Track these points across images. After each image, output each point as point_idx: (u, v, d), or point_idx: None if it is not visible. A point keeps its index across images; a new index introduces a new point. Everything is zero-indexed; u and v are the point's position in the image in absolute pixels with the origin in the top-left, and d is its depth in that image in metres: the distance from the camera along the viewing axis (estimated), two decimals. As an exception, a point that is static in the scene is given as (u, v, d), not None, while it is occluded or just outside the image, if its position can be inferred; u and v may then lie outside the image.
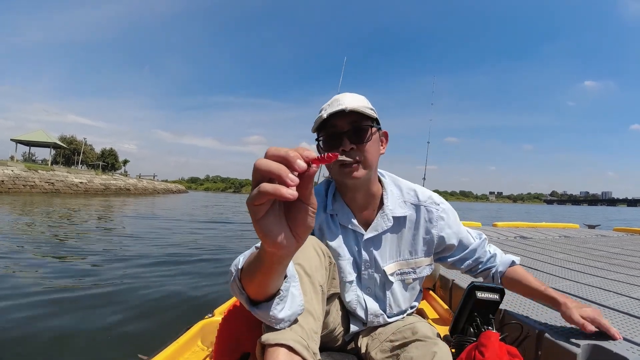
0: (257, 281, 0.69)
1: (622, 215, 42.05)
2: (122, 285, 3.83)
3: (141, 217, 12.93)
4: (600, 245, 4.61)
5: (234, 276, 0.76)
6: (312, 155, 0.47)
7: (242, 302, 0.76)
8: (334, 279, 1.12)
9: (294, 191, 0.45)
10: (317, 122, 1.12)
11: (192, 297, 3.57)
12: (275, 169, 0.46)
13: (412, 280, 1.22)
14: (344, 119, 1.08)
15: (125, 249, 5.94)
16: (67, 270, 4.36)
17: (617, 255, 3.69)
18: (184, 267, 4.83)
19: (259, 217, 0.51)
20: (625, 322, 1.60)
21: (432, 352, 0.96)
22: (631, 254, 3.84)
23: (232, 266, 0.79)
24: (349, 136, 1.08)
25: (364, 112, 1.07)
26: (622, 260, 3.42)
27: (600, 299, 1.97)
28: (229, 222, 12.61)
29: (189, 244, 6.86)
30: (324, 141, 1.13)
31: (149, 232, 8.32)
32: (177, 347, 1.36)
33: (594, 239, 5.31)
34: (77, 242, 6.43)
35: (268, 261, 0.61)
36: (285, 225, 0.53)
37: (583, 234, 6.07)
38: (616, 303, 1.91)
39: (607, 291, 2.17)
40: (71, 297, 3.36)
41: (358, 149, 1.09)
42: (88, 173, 39.23)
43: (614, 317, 1.68)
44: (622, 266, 3.09)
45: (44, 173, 29.92)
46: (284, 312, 0.76)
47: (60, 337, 2.50)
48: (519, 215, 27.88)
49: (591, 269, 2.92)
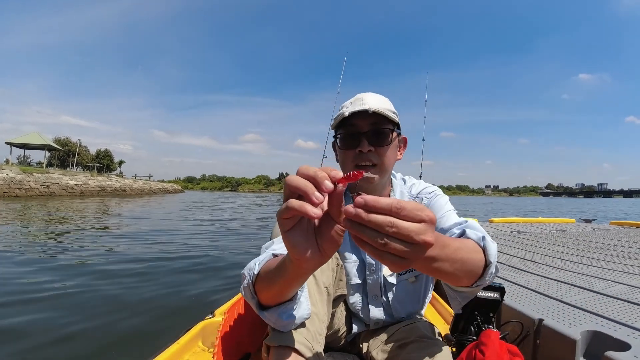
0: (277, 289, 0.69)
1: (618, 206, 42.26)
2: (122, 285, 3.82)
3: (139, 217, 12.80)
4: (597, 237, 4.66)
5: (247, 280, 0.75)
6: (339, 175, 0.48)
7: (252, 305, 0.76)
8: (341, 281, 1.11)
9: (318, 210, 0.46)
10: (338, 119, 1.09)
11: (192, 297, 3.55)
12: (302, 186, 0.47)
13: (414, 278, 1.17)
14: (366, 120, 1.05)
15: (125, 250, 5.92)
16: (67, 270, 4.35)
17: (614, 247, 3.74)
18: (184, 268, 4.82)
19: (286, 230, 0.52)
20: (625, 309, 1.64)
21: (433, 352, 0.95)
22: (628, 245, 3.89)
23: (246, 269, 0.78)
24: (369, 137, 1.05)
25: (387, 115, 1.04)
26: (619, 251, 3.46)
27: (599, 288, 2.01)
28: (227, 221, 12.56)
29: (189, 244, 6.81)
30: (341, 139, 1.10)
31: (149, 232, 8.26)
32: (177, 347, 1.36)
33: (590, 233, 5.37)
34: (76, 243, 6.40)
35: (293, 272, 0.61)
36: (313, 239, 0.52)
37: (579, 228, 6.14)
38: (615, 291, 1.95)
39: (605, 280, 2.21)
40: (71, 297, 3.35)
41: (376, 151, 1.06)
42: (83, 175, 39.63)
43: (614, 304, 1.72)
44: (619, 257, 3.13)
45: (39, 176, 29.58)
46: (292, 317, 0.77)
47: (60, 337, 2.49)
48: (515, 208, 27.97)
49: (589, 260, 2.96)
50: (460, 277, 0.71)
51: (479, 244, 0.80)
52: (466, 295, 0.88)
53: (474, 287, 0.79)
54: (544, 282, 2.17)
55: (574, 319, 1.49)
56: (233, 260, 5.35)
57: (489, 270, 0.78)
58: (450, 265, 0.65)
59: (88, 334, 2.58)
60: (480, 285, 0.80)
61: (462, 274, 0.70)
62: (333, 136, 1.15)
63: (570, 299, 1.79)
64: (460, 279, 0.71)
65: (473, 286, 0.79)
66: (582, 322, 1.45)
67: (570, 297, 1.82)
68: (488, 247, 0.79)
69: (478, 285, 0.79)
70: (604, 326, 1.40)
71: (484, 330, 1.09)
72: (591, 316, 1.53)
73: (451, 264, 0.65)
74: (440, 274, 0.66)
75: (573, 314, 1.55)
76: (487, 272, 0.77)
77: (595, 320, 1.48)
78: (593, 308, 1.64)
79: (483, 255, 0.78)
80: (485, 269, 0.77)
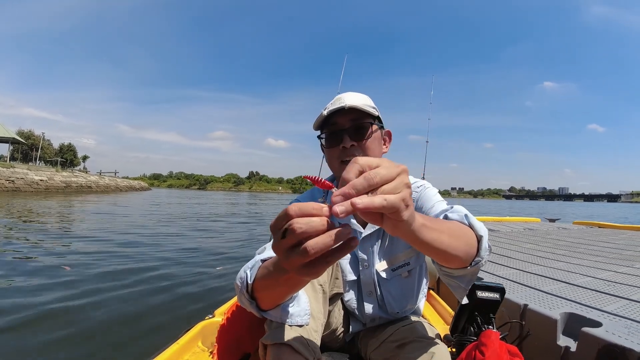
0: (277, 295, 0.71)
1: (576, 209, 44.35)
2: (121, 286, 3.77)
3: (128, 215, 12.42)
4: (563, 236, 5.04)
5: (241, 289, 0.75)
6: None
7: (253, 311, 0.76)
8: (337, 279, 1.10)
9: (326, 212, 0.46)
10: (319, 120, 1.12)
11: (192, 297, 3.54)
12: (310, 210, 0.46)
13: (407, 273, 1.17)
14: (345, 117, 1.07)
15: (124, 250, 5.82)
16: (65, 271, 4.26)
17: (579, 245, 4.09)
18: (183, 268, 4.76)
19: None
20: (594, 296, 1.89)
21: (431, 353, 0.95)
22: (592, 244, 4.25)
23: (238, 279, 0.77)
24: (350, 133, 1.07)
25: (364, 110, 1.06)
26: (584, 248, 3.80)
27: (570, 279, 2.26)
28: (221, 221, 12.49)
29: (188, 243, 6.79)
30: (325, 138, 1.13)
31: (143, 233, 8.10)
32: (177, 347, 1.36)
33: (556, 231, 5.76)
34: (75, 243, 6.22)
35: (296, 281, 0.62)
36: None
37: (545, 227, 6.56)
38: (584, 282, 2.20)
39: (574, 273, 2.47)
40: (70, 298, 3.30)
41: (359, 146, 1.08)
42: (48, 170, 38.08)
43: (585, 292, 1.96)
44: (585, 253, 3.45)
45: (4, 170, 28.21)
46: (294, 308, 0.82)
47: (60, 338, 2.48)
48: (481, 209, 28.89)
49: (558, 255, 3.25)
50: (456, 252, 0.70)
51: (464, 222, 0.82)
52: (468, 279, 0.87)
53: (473, 265, 0.79)
54: (522, 274, 2.41)
55: (553, 304, 1.71)
56: (232, 261, 5.34)
57: (482, 245, 0.79)
58: (442, 236, 0.65)
59: (86, 334, 2.58)
60: (479, 263, 0.80)
61: (457, 247, 0.70)
62: (317, 137, 1.17)
63: (547, 288, 2.02)
64: (457, 255, 0.71)
65: (472, 265, 0.78)
66: (560, 306, 1.67)
67: (546, 287, 2.05)
68: (473, 222, 0.81)
69: (477, 264, 0.79)
70: (578, 309, 1.63)
71: (483, 330, 1.09)
72: (567, 302, 1.76)
73: (442, 234, 0.65)
74: (436, 250, 0.65)
75: (551, 300, 1.77)
76: (482, 247, 0.78)
77: (570, 305, 1.70)
78: (567, 295, 1.88)
79: (472, 231, 0.80)
80: (478, 243, 0.79)
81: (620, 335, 1.33)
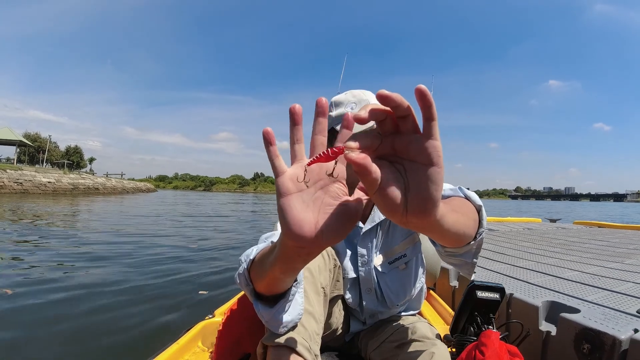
0: (269, 278, 0.64)
1: (584, 209, 44.12)
2: (121, 286, 3.80)
3: (130, 217, 12.64)
4: (560, 235, 5.16)
5: (243, 267, 0.74)
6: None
7: (247, 293, 0.74)
8: (338, 281, 1.11)
9: None
10: (338, 117, 1.11)
11: (192, 297, 3.55)
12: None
13: (404, 265, 1.18)
14: None
15: (123, 250, 5.88)
16: (66, 271, 4.40)
17: (573, 243, 4.22)
18: (183, 267, 4.79)
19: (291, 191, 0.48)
20: (577, 288, 2.04)
21: (431, 353, 0.95)
22: (587, 242, 4.38)
23: (243, 256, 0.77)
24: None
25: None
26: (578, 246, 3.93)
27: (558, 273, 2.41)
28: (222, 220, 12.59)
29: (188, 244, 6.83)
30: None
31: (144, 233, 8.27)
32: (177, 348, 1.37)
33: (554, 231, 5.87)
34: (74, 243, 6.40)
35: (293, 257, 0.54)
36: (315, 212, 0.48)
37: (545, 227, 6.67)
38: (570, 275, 2.35)
39: (563, 268, 2.62)
40: (70, 299, 3.36)
41: None
42: (56, 172, 38.47)
43: (569, 284, 2.11)
44: (578, 250, 3.59)
45: (13, 172, 28.69)
46: (286, 316, 0.76)
47: (59, 338, 2.52)
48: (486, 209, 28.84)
49: (551, 252, 3.40)
50: (468, 229, 0.67)
51: (459, 195, 0.82)
52: (474, 252, 0.84)
53: (478, 238, 0.76)
54: (512, 269, 2.56)
55: (537, 294, 1.86)
56: (233, 259, 5.35)
57: (483, 215, 0.78)
58: (458, 216, 0.61)
59: (86, 335, 2.60)
60: (483, 234, 0.78)
61: (467, 223, 0.66)
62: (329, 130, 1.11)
63: (533, 280, 2.17)
64: (468, 233, 0.67)
65: (477, 238, 0.76)
66: (543, 295, 1.82)
67: (533, 280, 2.20)
68: (468, 193, 0.81)
69: (480, 235, 0.77)
70: (560, 298, 1.77)
71: (483, 330, 1.08)
72: (550, 292, 1.91)
73: (457, 214, 0.60)
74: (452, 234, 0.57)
75: (536, 291, 1.92)
76: (483, 217, 0.78)
77: (553, 295, 1.85)
78: (552, 287, 2.03)
79: (470, 202, 0.79)
80: (479, 214, 0.78)
81: (597, 320, 1.46)
